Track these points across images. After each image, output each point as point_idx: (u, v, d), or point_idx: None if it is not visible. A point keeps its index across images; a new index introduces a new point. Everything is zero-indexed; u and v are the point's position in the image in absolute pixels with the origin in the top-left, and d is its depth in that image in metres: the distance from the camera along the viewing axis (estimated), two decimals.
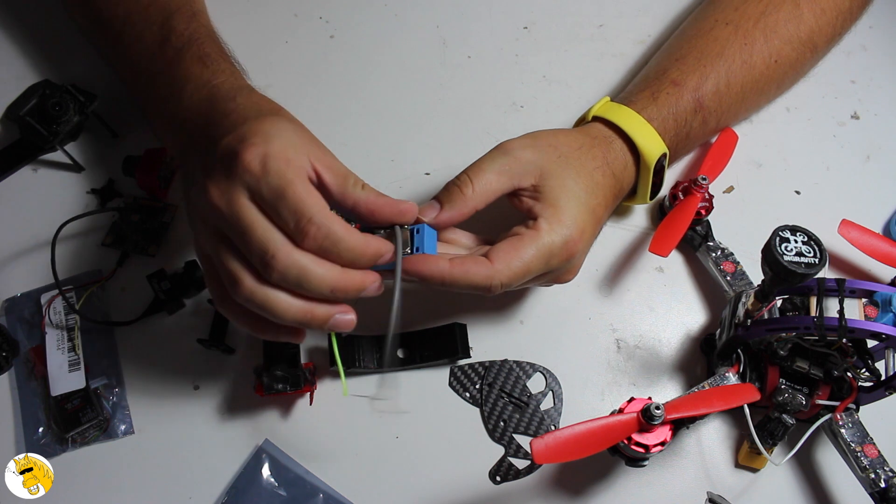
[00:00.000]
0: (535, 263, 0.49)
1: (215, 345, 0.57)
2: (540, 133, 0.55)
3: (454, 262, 0.48)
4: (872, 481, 0.51)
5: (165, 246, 0.62)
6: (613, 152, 0.57)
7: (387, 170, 0.66)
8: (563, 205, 0.51)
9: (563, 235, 0.50)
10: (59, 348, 0.57)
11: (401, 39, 0.73)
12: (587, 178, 0.54)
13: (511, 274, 0.49)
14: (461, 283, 0.48)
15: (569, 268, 0.53)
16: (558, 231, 0.50)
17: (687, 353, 0.61)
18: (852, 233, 0.60)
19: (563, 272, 0.53)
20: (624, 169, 0.57)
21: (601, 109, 0.59)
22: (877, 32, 0.75)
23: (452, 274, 0.48)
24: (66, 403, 0.55)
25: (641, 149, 0.57)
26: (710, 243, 0.61)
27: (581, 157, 0.55)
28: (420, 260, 0.48)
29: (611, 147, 0.57)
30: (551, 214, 0.51)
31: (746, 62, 0.62)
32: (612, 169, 0.56)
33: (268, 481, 0.55)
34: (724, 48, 0.61)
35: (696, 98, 0.60)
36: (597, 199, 0.54)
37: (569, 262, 0.52)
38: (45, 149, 0.64)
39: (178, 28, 0.56)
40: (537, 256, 0.49)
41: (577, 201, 0.52)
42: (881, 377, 0.52)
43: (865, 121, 0.71)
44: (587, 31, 0.74)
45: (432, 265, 0.48)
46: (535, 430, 0.57)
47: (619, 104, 0.59)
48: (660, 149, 0.58)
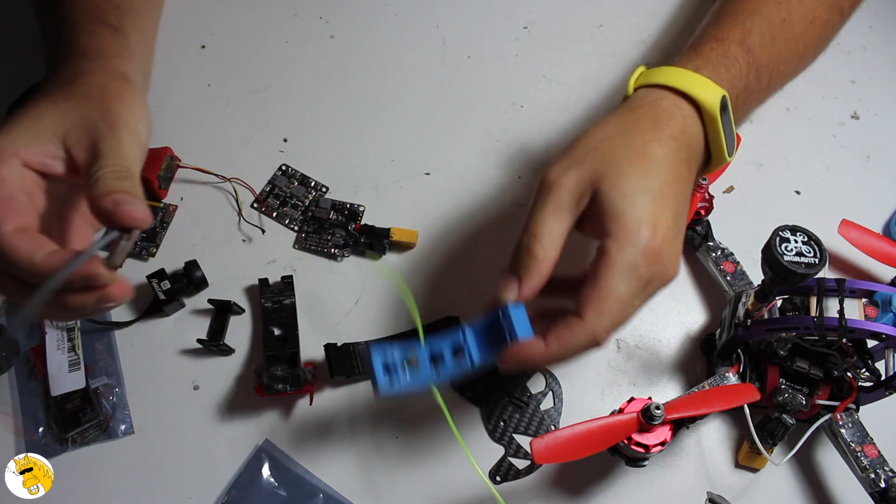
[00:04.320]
0: (626, 289, 0.44)
1: (214, 345, 0.57)
2: (577, 142, 0.49)
3: (549, 339, 0.44)
4: (872, 481, 0.51)
5: (165, 246, 0.62)
6: (665, 112, 0.49)
7: (387, 170, 0.66)
8: (621, 210, 0.45)
9: (637, 244, 0.44)
10: (59, 348, 0.57)
11: (401, 39, 0.73)
12: (639, 162, 0.47)
13: (610, 317, 0.44)
14: (566, 357, 0.45)
15: (664, 265, 0.46)
16: (629, 242, 0.44)
17: (687, 353, 0.61)
18: (852, 233, 0.60)
19: (661, 272, 0.46)
20: (685, 126, 0.49)
21: (641, 78, 0.52)
22: (877, 32, 0.75)
23: (552, 354, 0.44)
24: (66, 403, 0.55)
25: (697, 97, 0.49)
26: (710, 243, 0.61)
27: (626, 142, 0.48)
28: (516, 351, 0.45)
29: (660, 108, 0.49)
30: (615, 228, 0.45)
31: (786, 20, 0.57)
32: (669, 132, 0.48)
33: (268, 481, 0.55)
34: (760, 6, 0.57)
35: (746, 49, 0.54)
36: (659, 177, 0.47)
37: (658, 263, 0.45)
38: None
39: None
40: (624, 280, 0.44)
41: (636, 195, 0.45)
42: (881, 377, 0.52)
43: (865, 121, 0.71)
44: (587, 31, 0.74)
45: (530, 354, 0.45)
46: (535, 430, 0.57)
47: (659, 67, 0.52)
48: (717, 92, 0.50)
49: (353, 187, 0.65)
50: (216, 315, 0.59)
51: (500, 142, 0.68)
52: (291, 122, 0.68)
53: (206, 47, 0.71)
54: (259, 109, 0.68)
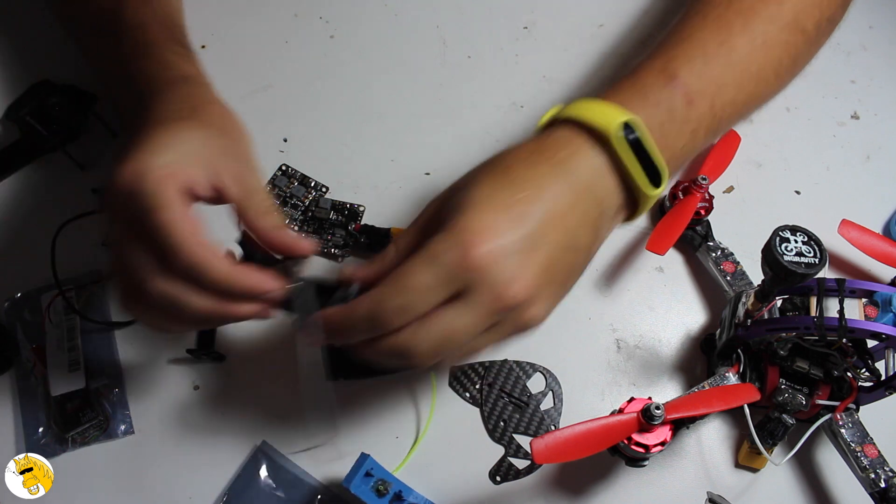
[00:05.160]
0: (422, 275, 0.41)
1: (205, 353, 0.57)
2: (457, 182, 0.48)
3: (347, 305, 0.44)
4: (872, 481, 0.51)
5: None
6: (553, 140, 0.46)
7: (387, 170, 0.66)
8: (454, 216, 0.43)
9: (450, 241, 0.42)
10: (59, 348, 0.57)
11: (401, 39, 0.73)
12: (499, 177, 0.45)
13: (396, 295, 0.41)
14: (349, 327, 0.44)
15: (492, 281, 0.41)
16: (443, 239, 0.42)
17: (687, 353, 0.61)
18: (852, 233, 0.60)
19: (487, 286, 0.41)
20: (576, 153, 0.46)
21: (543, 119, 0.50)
22: (877, 32, 0.75)
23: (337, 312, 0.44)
24: (66, 403, 0.55)
25: (589, 120, 0.46)
26: (710, 243, 0.61)
27: (493, 168, 0.46)
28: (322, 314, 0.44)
29: (550, 138, 0.47)
30: (441, 230, 0.43)
31: (725, 42, 0.53)
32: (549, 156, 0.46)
33: (265, 482, 0.55)
34: (693, 31, 0.54)
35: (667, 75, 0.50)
36: (520, 191, 0.44)
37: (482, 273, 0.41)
38: (45, 149, 0.64)
39: (126, 15, 0.54)
40: (423, 264, 0.42)
41: (477, 204, 0.43)
42: (881, 377, 0.52)
43: (865, 121, 0.71)
44: (587, 31, 0.74)
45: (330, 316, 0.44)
46: (535, 430, 0.57)
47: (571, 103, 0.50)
48: (616, 116, 0.46)
49: (353, 187, 0.65)
50: None
51: (501, 142, 0.68)
52: (291, 122, 0.68)
53: (206, 47, 0.71)
54: (259, 109, 0.68)
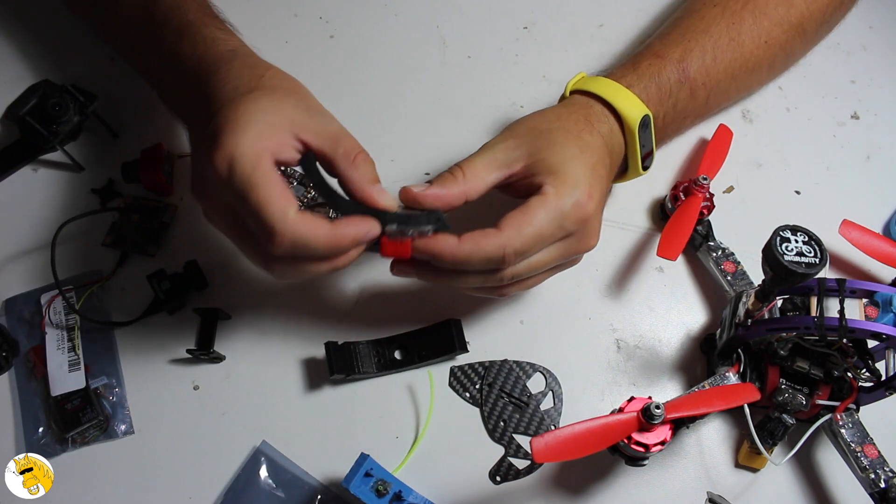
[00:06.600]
0: (547, 227, 0.48)
1: (204, 353, 0.57)
2: (514, 124, 0.54)
3: (464, 239, 0.47)
4: (872, 481, 0.51)
5: (165, 246, 0.62)
6: (595, 114, 0.55)
7: (387, 170, 0.66)
8: (562, 169, 0.49)
9: (572, 196, 0.48)
10: (59, 348, 0.57)
11: (401, 39, 0.73)
12: (576, 139, 0.52)
13: (524, 240, 0.47)
14: (474, 259, 0.47)
15: (587, 231, 0.51)
16: (566, 192, 0.48)
17: (687, 353, 0.61)
18: (853, 233, 0.60)
19: (583, 237, 0.51)
20: (610, 132, 0.55)
21: (578, 83, 0.58)
22: (877, 32, 0.75)
23: (462, 252, 0.47)
24: (66, 403, 0.55)
25: (620, 110, 0.55)
26: (711, 243, 0.61)
27: (563, 125, 0.53)
28: (430, 240, 0.47)
29: (591, 110, 0.55)
30: (554, 179, 0.49)
31: (734, 39, 0.61)
32: (597, 129, 0.54)
33: (265, 482, 0.55)
34: (710, 26, 0.61)
35: (681, 69, 0.59)
36: (593, 156, 0.52)
37: (584, 226, 0.50)
38: (45, 149, 0.64)
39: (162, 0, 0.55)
40: (548, 219, 0.48)
41: (575, 161, 0.50)
42: (881, 377, 0.52)
43: (865, 121, 0.71)
44: (587, 31, 0.74)
45: (441, 245, 0.47)
46: (535, 430, 0.57)
47: (597, 76, 0.58)
48: (640, 110, 0.56)
49: None
50: (202, 323, 0.58)
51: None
52: None
53: None
54: None
